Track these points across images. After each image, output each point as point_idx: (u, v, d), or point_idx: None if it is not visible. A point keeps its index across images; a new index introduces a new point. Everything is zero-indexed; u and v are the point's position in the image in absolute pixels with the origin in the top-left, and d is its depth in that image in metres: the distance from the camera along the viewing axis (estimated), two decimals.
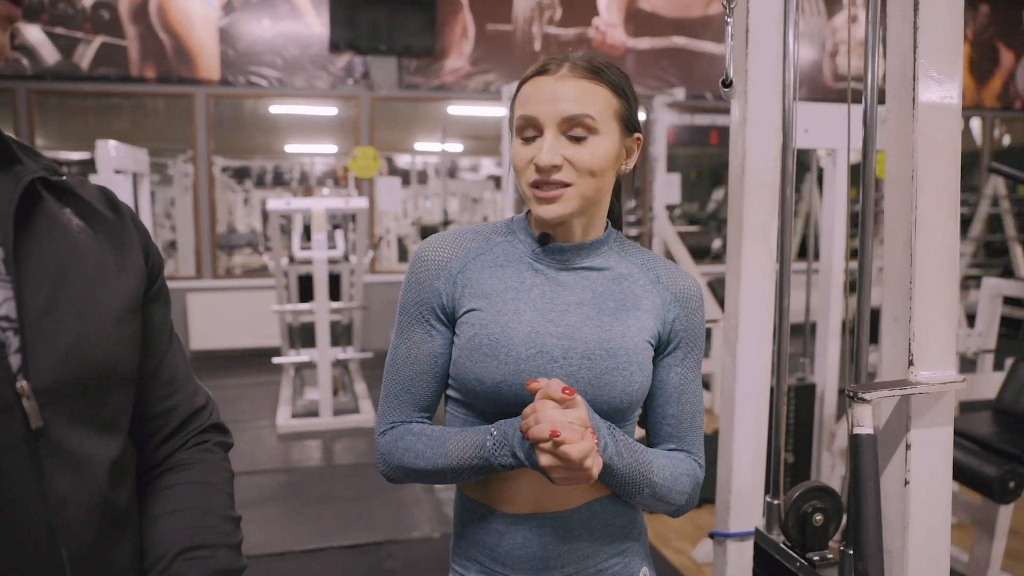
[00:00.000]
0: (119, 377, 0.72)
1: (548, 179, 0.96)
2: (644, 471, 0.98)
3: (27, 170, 0.69)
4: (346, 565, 2.99)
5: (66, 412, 0.65)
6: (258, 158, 11.77)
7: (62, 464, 0.65)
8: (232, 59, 6.52)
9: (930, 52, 0.99)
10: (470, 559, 1.06)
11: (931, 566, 1.06)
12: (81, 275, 0.69)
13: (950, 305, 1.02)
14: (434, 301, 1.03)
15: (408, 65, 6.88)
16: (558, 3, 7.16)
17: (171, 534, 0.75)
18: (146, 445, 0.79)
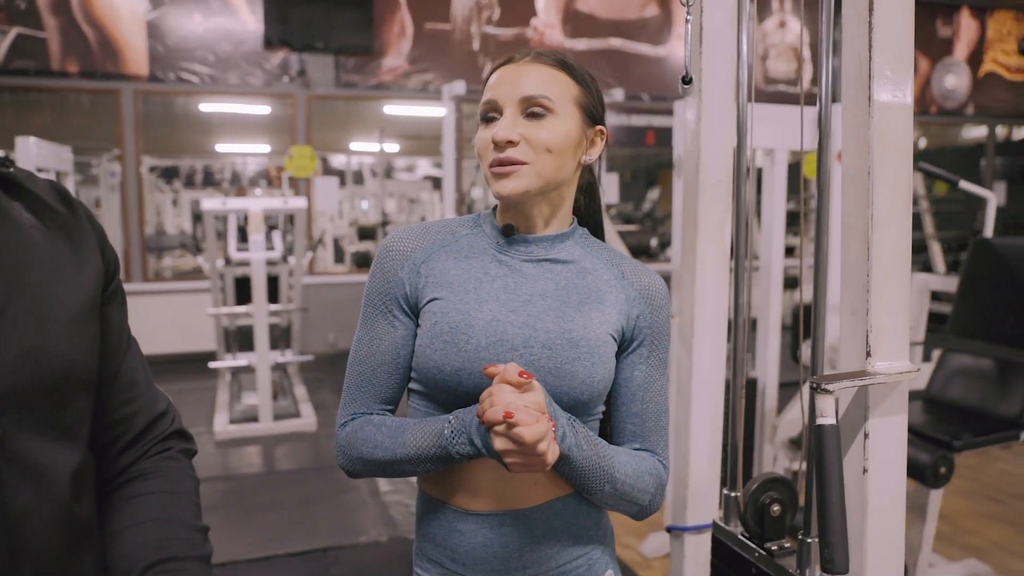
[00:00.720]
0: (78, 381, 0.68)
1: (504, 154, 0.96)
2: (604, 465, 0.97)
3: None
4: (293, 573, 2.92)
5: (25, 419, 0.61)
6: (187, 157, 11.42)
7: (22, 476, 0.61)
8: (161, 54, 6.30)
9: (885, 53, 1.02)
10: (431, 560, 1.05)
11: (888, 551, 1.10)
12: (36, 273, 0.65)
13: (904, 298, 1.06)
14: (397, 291, 1.02)
15: (345, 63, 6.78)
16: (496, 3, 7.16)
17: (138, 548, 0.71)
18: (106, 454, 0.75)
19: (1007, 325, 2.79)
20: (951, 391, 2.95)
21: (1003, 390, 2.79)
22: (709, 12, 1.38)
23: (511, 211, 1.03)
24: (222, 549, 3.12)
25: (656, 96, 7.77)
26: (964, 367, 2.95)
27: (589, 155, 1.04)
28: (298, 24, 6.51)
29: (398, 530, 3.28)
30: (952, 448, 2.57)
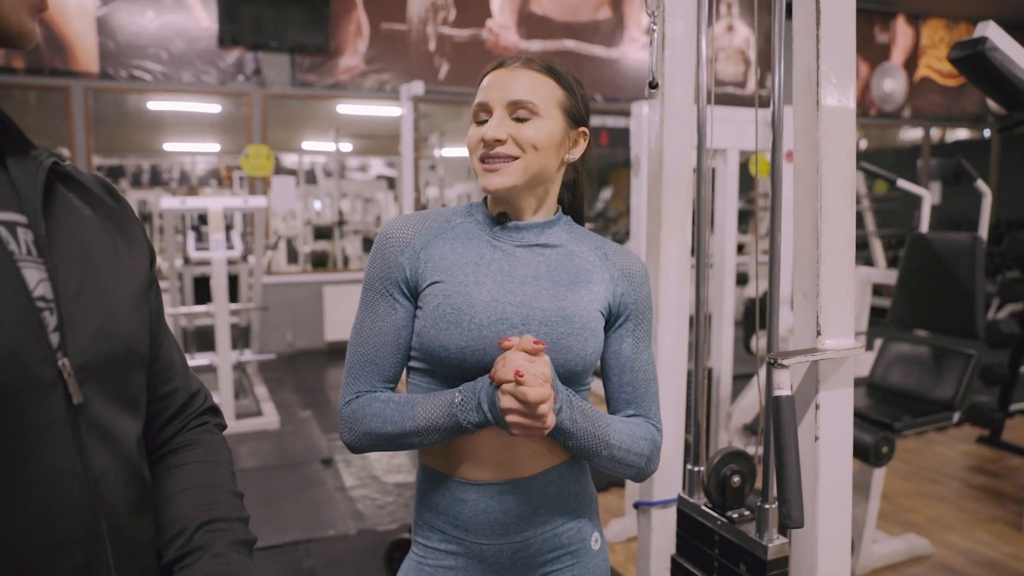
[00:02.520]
0: (138, 357, 0.74)
1: (493, 152, 1.05)
2: (600, 434, 1.06)
3: (42, 155, 0.70)
4: (265, 567, 2.96)
5: (100, 389, 0.68)
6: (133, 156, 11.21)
7: (99, 439, 0.67)
8: (112, 51, 6.21)
9: (831, 62, 1.14)
10: (432, 528, 1.13)
11: (837, 510, 1.22)
12: (100, 260, 0.71)
13: (849, 283, 1.18)
14: (398, 276, 1.09)
15: (301, 62, 6.77)
16: (452, 4, 7.23)
17: (189, 510, 0.78)
18: (151, 426, 0.82)
19: (941, 315, 2.98)
20: (892, 377, 3.13)
21: (939, 375, 2.98)
22: (671, 21, 1.49)
23: (501, 202, 1.12)
24: None
25: (609, 97, 7.93)
26: (903, 354, 3.14)
27: (572, 154, 1.13)
28: (252, 23, 6.48)
29: (366, 523, 3.34)
30: (893, 430, 2.74)
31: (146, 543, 0.75)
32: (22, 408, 0.60)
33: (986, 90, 2.09)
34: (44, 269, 0.65)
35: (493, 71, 1.10)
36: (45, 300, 0.64)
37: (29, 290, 0.63)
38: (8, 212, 0.65)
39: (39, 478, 0.62)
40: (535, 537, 1.10)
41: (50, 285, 0.65)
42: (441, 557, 1.12)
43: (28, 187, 0.67)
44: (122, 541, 0.69)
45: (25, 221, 0.65)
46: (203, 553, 0.75)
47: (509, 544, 1.09)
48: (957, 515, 3.40)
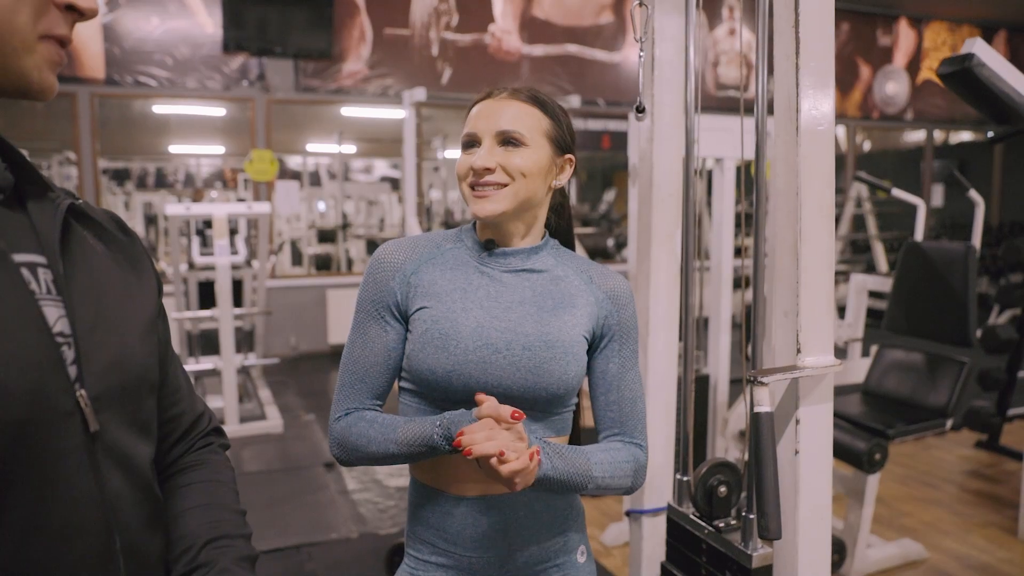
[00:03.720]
0: (149, 384, 0.79)
1: (482, 180, 1.10)
2: (583, 471, 1.09)
3: (59, 196, 0.75)
4: (268, 569, 3.00)
5: (115, 417, 0.72)
6: (139, 159, 11.29)
7: (114, 463, 0.71)
8: (118, 57, 6.28)
9: (810, 92, 1.18)
10: (423, 541, 1.17)
11: (817, 522, 1.26)
12: (112, 294, 0.76)
13: (828, 301, 1.22)
14: (389, 299, 1.14)
15: (305, 68, 6.83)
16: (455, 9, 7.28)
17: (195, 528, 0.83)
18: (159, 447, 0.86)
19: (935, 322, 3.02)
20: (886, 384, 3.17)
21: (933, 382, 3.02)
22: (660, 43, 1.53)
23: (490, 228, 1.16)
24: None
25: (611, 101, 7.97)
26: (898, 361, 3.17)
27: (559, 180, 1.18)
28: (257, 28, 6.54)
29: (368, 526, 3.38)
30: (886, 436, 2.78)
31: (157, 559, 0.79)
32: (44, 437, 0.65)
33: (974, 104, 2.13)
34: (62, 306, 0.69)
35: (481, 101, 1.14)
36: (63, 335, 0.69)
37: (49, 327, 0.67)
38: (30, 254, 0.69)
39: (59, 501, 0.66)
40: (522, 550, 1.14)
41: (68, 321, 0.69)
42: (432, 569, 1.16)
43: (47, 229, 0.71)
44: (135, 558, 0.74)
45: (45, 262, 0.70)
46: (209, 569, 0.79)
47: (497, 557, 1.13)
48: (953, 520, 3.43)
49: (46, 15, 0.68)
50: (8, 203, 0.71)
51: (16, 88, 0.68)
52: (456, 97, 7.31)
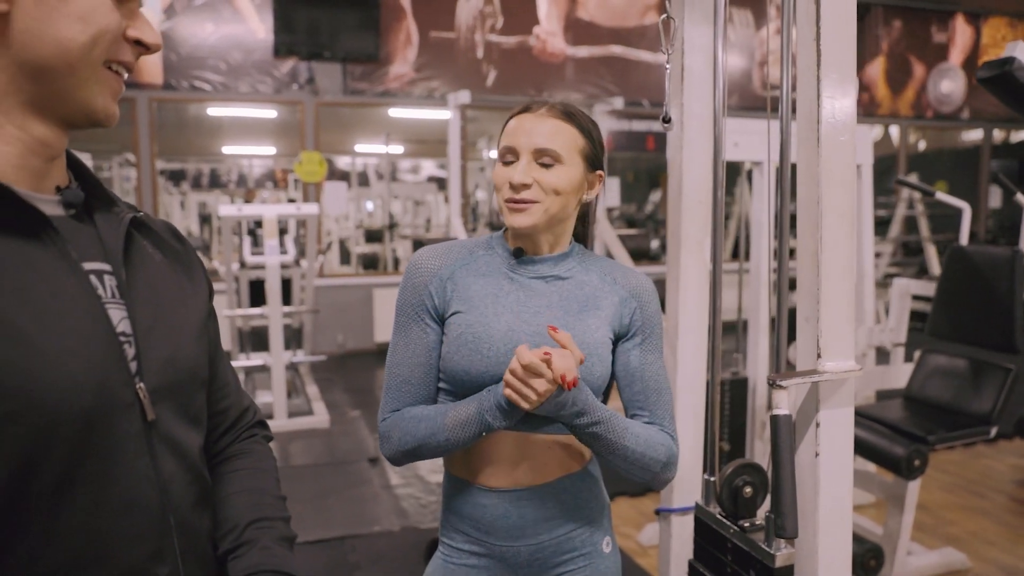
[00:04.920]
0: (200, 380, 0.87)
1: (519, 195, 1.16)
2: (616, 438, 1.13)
3: (123, 210, 0.83)
4: (311, 560, 3.11)
5: (169, 408, 0.80)
6: (194, 160, 11.62)
7: (168, 449, 0.80)
8: (175, 63, 6.50)
9: (833, 103, 1.21)
10: (456, 530, 1.24)
11: (837, 522, 1.28)
12: (168, 298, 0.84)
13: (848, 308, 1.24)
14: (428, 302, 1.21)
15: (353, 71, 6.98)
16: (500, 12, 7.35)
17: (240, 510, 0.91)
18: (208, 437, 0.94)
19: (980, 327, 2.97)
20: (928, 390, 3.13)
21: (976, 389, 2.97)
22: (690, 54, 1.57)
23: (521, 238, 1.22)
24: None
25: (655, 102, 7.96)
26: (941, 367, 3.13)
27: (588, 195, 1.23)
28: (306, 33, 6.71)
29: (409, 520, 3.47)
30: (926, 443, 2.75)
31: (205, 535, 0.87)
32: (108, 424, 0.73)
33: (1016, 108, 2.11)
34: (124, 309, 0.78)
35: (519, 115, 1.20)
36: (125, 335, 0.77)
37: (114, 327, 0.76)
38: (97, 262, 0.78)
39: (120, 481, 0.74)
40: (550, 540, 1.20)
41: (129, 322, 0.77)
42: (464, 557, 1.23)
43: (112, 240, 0.80)
44: (186, 533, 0.82)
45: (110, 269, 0.78)
46: (252, 546, 0.87)
47: (526, 546, 1.20)
48: (999, 530, 3.37)
49: (118, 48, 0.76)
50: (79, 217, 0.80)
51: (84, 116, 0.76)
52: (500, 99, 7.39)
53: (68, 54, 0.71)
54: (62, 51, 0.71)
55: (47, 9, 0.70)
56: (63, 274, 0.73)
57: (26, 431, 0.67)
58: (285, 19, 6.62)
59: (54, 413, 0.68)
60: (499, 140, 1.21)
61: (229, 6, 6.60)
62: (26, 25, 0.70)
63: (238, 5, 6.63)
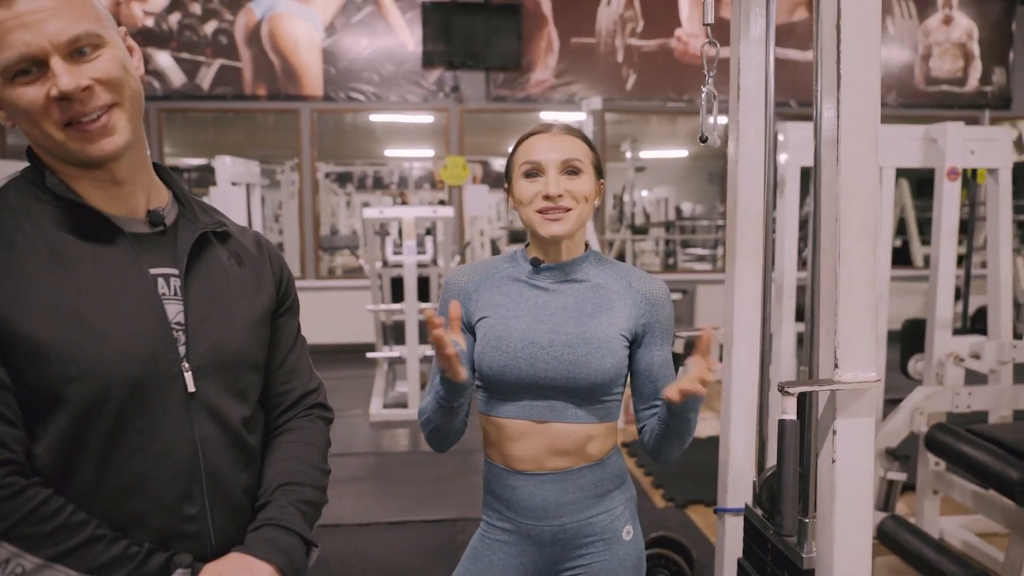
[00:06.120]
0: (248, 363, 1.07)
1: (555, 205, 1.30)
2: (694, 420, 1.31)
3: (201, 224, 1.05)
4: (423, 537, 3.38)
5: (213, 384, 1.01)
6: (359, 163, 12.46)
7: (206, 416, 1.00)
8: (334, 77, 7.09)
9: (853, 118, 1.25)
10: (492, 509, 1.41)
11: (855, 530, 1.32)
12: (225, 295, 1.05)
13: (869, 321, 1.27)
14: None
15: (495, 78, 7.28)
16: (640, 15, 7.39)
17: (276, 474, 1.09)
18: (272, 413, 1.15)
19: None
20: None
21: None
22: (744, 72, 1.64)
23: (544, 247, 1.36)
24: (367, 512, 3.65)
25: (803, 102, 7.68)
26: None
27: (598, 201, 1.36)
28: (453, 44, 7.08)
29: None
30: None
31: (240, 490, 1.06)
32: (153, 391, 0.95)
33: None
34: (182, 304, 1.00)
35: (535, 136, 1.35)
36: (179, 325, 0.99)
37: (169, 318, 0.98)
38: (167, 267, 1.00)
39: (160, 435, 0.96)
40: (572, 522, 1.34)
41: (184, 315, 0.99)
42: (498, 533, 1.40)
43: (182, 249, 1.02)
44: (216, 484, 1.01)
45: (176, 273, 1.01)
46: (272, 504, 1.06)
47: (549, 526, 1.34)
48: None
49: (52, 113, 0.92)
50: (165, 232, 1.03)
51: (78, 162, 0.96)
52: (640, 103, 7.43)
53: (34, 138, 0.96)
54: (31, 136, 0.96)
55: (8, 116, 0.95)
56: (131, 276, 0.96)
57: (85, 390, 0.90)
58: (433, 31, 7.03)
59: (107, 379, 0.91)
60: (513, 161, 1.36)
61: (383, 21, 7.10)
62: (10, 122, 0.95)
63: (391, 20, 7.12)
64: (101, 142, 0.94)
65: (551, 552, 1.36)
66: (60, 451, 0.92)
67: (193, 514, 0.99)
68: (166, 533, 0.97)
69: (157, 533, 0.96)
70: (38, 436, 0.91)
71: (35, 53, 0.88)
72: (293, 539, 1.03)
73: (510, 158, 1.38)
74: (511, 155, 1.38)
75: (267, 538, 1.01)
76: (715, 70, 1.44)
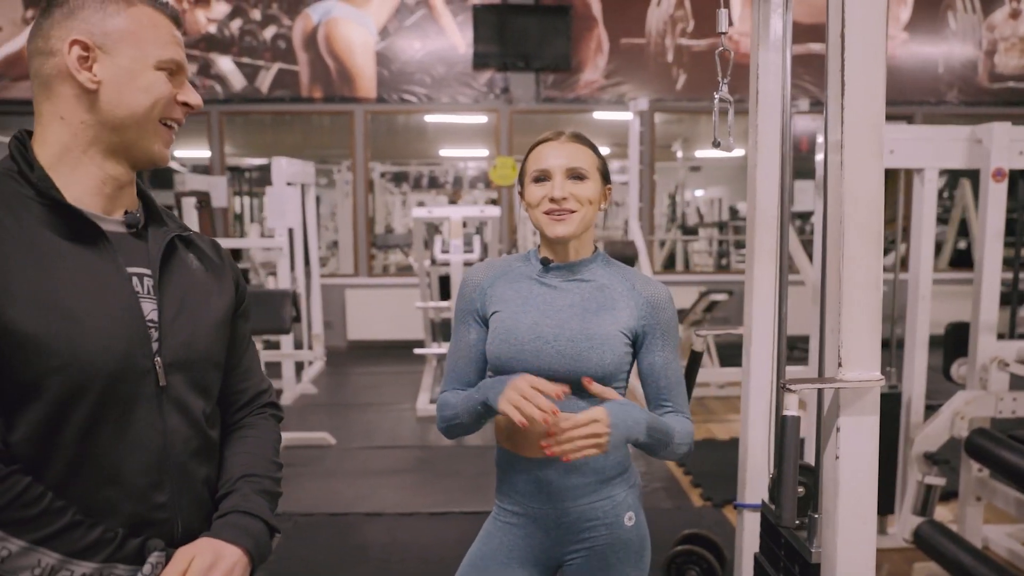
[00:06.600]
0: (213, 361, 1.14)
1: (560, 207, 1.38)
2: (666, 440, 1.37)
3: (169, 230, 1.12)
4: (464, 528, 3.47)
5: (181, 378, 1.07)
6: (415, 163, 12.67)
7: (175, 408, 1.06)
8: (387, 79, 7.26)
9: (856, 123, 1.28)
10: (503, 493, 1.50)
11: (860, 524, 1.35)
12: (194, 298, 1.12)
13: (873, 321, 1.30)
14: (473, 307, 1.48)
15: (545, 79, 7.35)
16: (691, 15, 7.37)
17: (236, 466, 1.16)
18: (228, 411, 1.22)
19: None
20: None
21: None
22: (764, 77, 1.67)
23: (553, 247, 1.44)
24: (411, 502, 3.77)
25: None
26: None
27: (604, 205, 1.43)
28: (504, 46, 7.18)
29: None
30: None
31: (201, 481, 1.12)
32: (129, 383, 1.01)
33: None
34: (155, 302, 1.06)
35: (543, 143, 1.43)
36: (152, 322, 1.05)
37: (144, 315, 1.04)
38: (140, 267, 1.06)
39: (134, 426, 1.02)
40: (574, 506, 1.41)
41: (157, 313, 1.06)
42: (507, 515, 1.48)
43: (155, 251, 1.09)
44: (182, 474, 1.08)
45: (149, 273, 1.07)
46: (236, 493, 1.12)
47: (553, 510, 1.42)
48: None
49: (170, 108, 1.06)
50: (138, 234, 1.09)
51: (145, 159, 1.06)
52: (688, 104, 7.41)
53: (135, 115, 1.03)
54: (131, 113, 1.02)
55: (122, 85, 1.01)
56: (110, 274, 1.02)
57: (67, 380, 0.95)
58: (484, 33, 7.14)
59: (88, 370, 0.96)
60: (525, 167, 1.43)
61: (435, 24, 7.24)
62: (108, 97, 1.01)
63: (443, 23, 7.25)
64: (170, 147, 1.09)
65: (556, 535, 1.44)
66: (37, 440, 0.95)
67: (163, 502, 1.05)
68: (137, 520, 1.01)
69: (130, 519, 1.00)
70: (15, 425, 0.94)
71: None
72: (259, 524, 1.09)
73: (523, 164, 1.46)
74: (524, 161, 1.46)
75: (234, 524, 1.08)
76: (728, 78, 1.49)
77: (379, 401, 5.72)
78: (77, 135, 1.02)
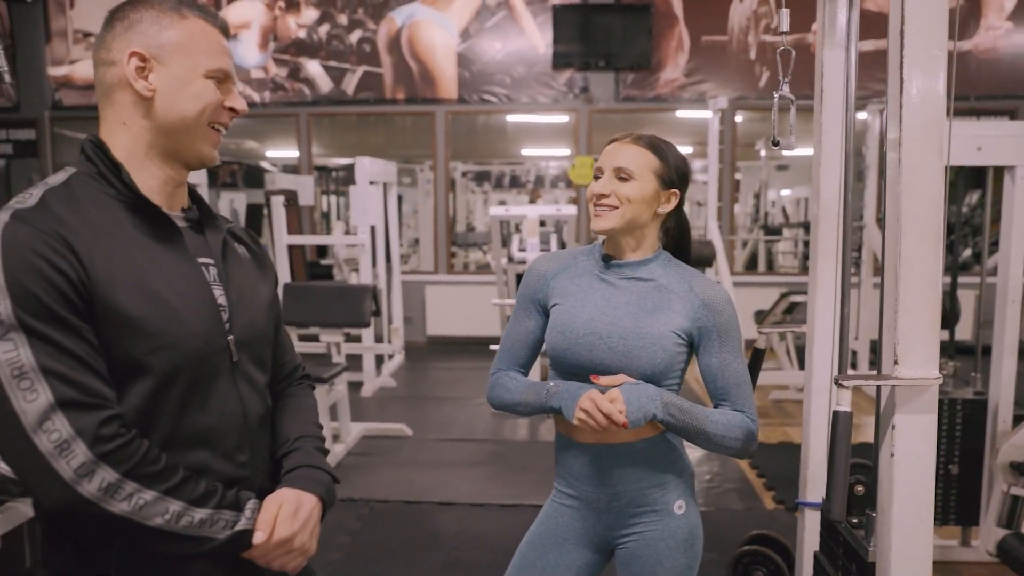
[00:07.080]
0: (267, 339, 1.27)
1: (600, 202, 1.44)
2: (698, 425, 1.40)
3: (223, 223, 1.25)
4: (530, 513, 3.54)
5: (247, 354, 1.20)
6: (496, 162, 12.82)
7: (245, 380, 1.20)
8: (468, 80, 7.39)
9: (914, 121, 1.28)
10: (560, 476, 1.56)
11: (914, 524, 1.33)
12: (248, 283, 1.24)
13: (931, 319, 1.29)
14: (535, 296, 1.54)
15: (624, 79, 7.34)
16: (775, 11, 7.21)
17: (291, 429, 1.29)
18: (272, 381, 1.33)
19: None
20: None
21: None
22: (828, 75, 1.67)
23: (609, 242, 1.48)
24: (483, 493, 3.86)
25: (958, 95, 7.22)
26: None
27: (663, 208, 1.46)
28: (584, 46, 7.20)
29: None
30: None
31: (266, 443, 1.26)
32: (211, 360, 1.13)
33: None
34: (222, 288, 1.18)
35: (610, 144, 1.48)
36: (222, 306, 1.17)
37: (216, 300, 1.16)
38: (205, 258, 1.19)
39: (217, 395, 1.15)
40: (625, 492, 1.46)
41: (225, 298, 1.18)
42: (564, 498, 1.55)
43: (215, 244, 1.21)
44: (256, 436, 1.22)
45: (213, 263, 1.19)
46: (299, 451, 1.26)
47: (604, 494, 1.47)
48: None
49: (218, 114, 1.15)
50: (194, 228, 1.21)
51: (196, 160, 1.17)
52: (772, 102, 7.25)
53: (186, 120, 1.12)
54: (182, 118, 1.11)
55: (174, 92, 1.11)
56: (186, 263, 1.14)
57: (168, 359, 1.07)
58: (564, 33, 7.19)
59: (184, 348, 1.09)
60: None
61: (515, 25, 7.34)
62: (162, 103, 1.10)
63: (523, 24, 7.34)
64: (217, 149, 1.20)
65: (607, 519, 1.49)
66: (143, 411, 1.07)
67: (244, 461, 1.18)
68: (226, 477, 1.13)
69: (219, 477, 1.12)
70: (123, 398, 1.06)
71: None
72: (325, 476, 1.24)
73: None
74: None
75: (307, 476, 1.21)
76: (790, 77, 1.50)
77: (456, 395, 5.85)
78: (138, 139, 1.12)
